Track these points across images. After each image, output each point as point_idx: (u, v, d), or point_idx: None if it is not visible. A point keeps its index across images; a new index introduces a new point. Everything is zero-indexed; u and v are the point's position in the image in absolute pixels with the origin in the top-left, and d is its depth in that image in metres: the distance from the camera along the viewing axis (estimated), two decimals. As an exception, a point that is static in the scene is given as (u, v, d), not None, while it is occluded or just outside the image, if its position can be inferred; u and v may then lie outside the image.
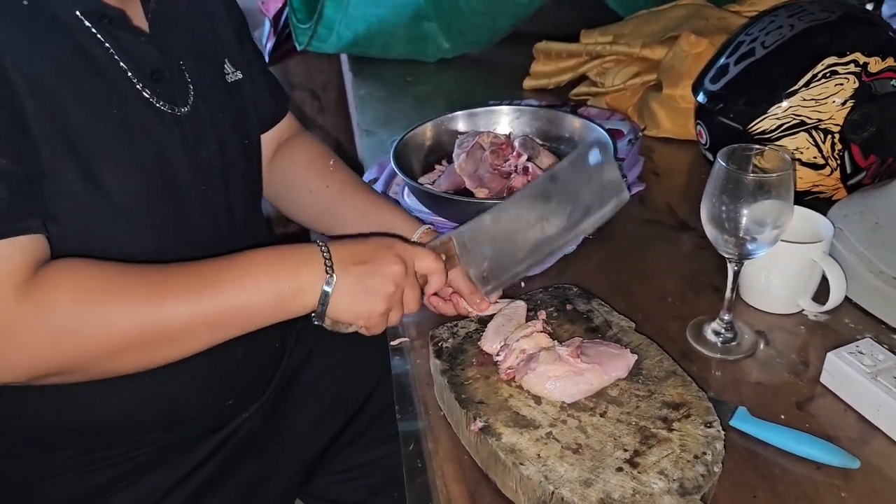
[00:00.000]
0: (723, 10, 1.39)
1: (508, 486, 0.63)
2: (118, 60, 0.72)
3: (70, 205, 0.69)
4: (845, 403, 0.73)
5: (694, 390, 0.69)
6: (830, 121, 0.97)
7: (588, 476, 0.60)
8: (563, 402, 0.68)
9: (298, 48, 1.73)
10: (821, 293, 0.83)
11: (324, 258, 0.70)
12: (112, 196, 0.71)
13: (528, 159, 1.03)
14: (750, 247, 0.75)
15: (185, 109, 0.78)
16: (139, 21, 0.77)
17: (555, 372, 0.68)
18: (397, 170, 1.02)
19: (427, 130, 1.14)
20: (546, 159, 1.08)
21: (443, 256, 0.78)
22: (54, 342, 0.63)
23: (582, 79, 1.48)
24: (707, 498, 0.60)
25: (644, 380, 0.70)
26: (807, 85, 0.96)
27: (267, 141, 0.99)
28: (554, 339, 0.73)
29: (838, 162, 0.99)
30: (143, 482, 0.83)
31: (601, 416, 0.66)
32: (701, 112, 1.11)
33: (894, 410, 0.69)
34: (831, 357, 0.74)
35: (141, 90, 0.74)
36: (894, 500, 0.64)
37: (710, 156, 1.10)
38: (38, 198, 0.66)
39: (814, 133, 0.98)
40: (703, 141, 1.12)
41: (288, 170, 1.01)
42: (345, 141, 2.32)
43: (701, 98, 1.09)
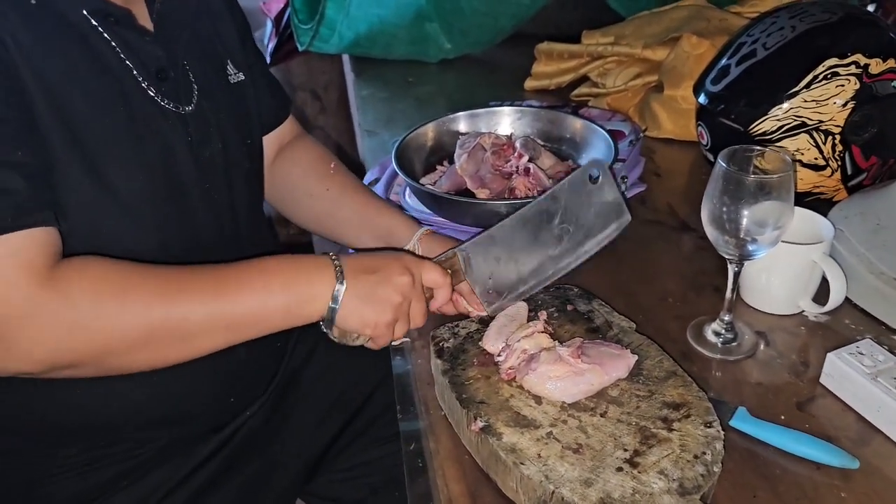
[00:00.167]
0: (724, 12, 1.39)
1: (509, 486, 0.63)
2: (124, 59, 0.73)
3: (76, 201, 0.69)
4: (845, 404, 0.73)
5: (694, 391, 0.69)
6: (831, 122, 0.97)
7: (588, 476, 0.60)
8: (564, 402, 0.68)
9: (300, 49, 1.73)
10: (821, 294, 0.83)
11: (335, 266, 0.72)
12: (118, 193, 0.72)
13: (530, 160, 1.04)
14: (750, 248, 0.75)
15: (190, 108, 0.79)
16: (144, 21, 0.77)
17: (555, 372, 0.68)
18: (399, 170, 1.02)
19: (428, 131, 1.14)
20: (547, 160, 1.08)
21: (448, 271, 0.78)
22: (71, 334, 0.64)
23: (583, 80, 1.49)
24: (707, 498, 0.60)
25: (644, 380, 0.70)
26: (808, 86, 0.97)
27: (268, 143, 0.99)
28: (555, 340, 0.73)
29: (839, 163, 0.99)
30: (145, 481, 0.83)
31: (601, 416, 0.66)
32: (702, 113, 1.11)
33: (894, 411, 0.69)
34: (831, 358, 0.74)
35: (146, 88, 0.75)
36: (894, 501, 0.64)
37: (711, 157, 1.11)
38: (52, 191, 0.67)
39: (815, 134, 0.98)
40: (704, 142, 1.12)
41: (289, 172, 1.01)
42: (346, 142, 2.32)
43: (702, 99, 1.09)
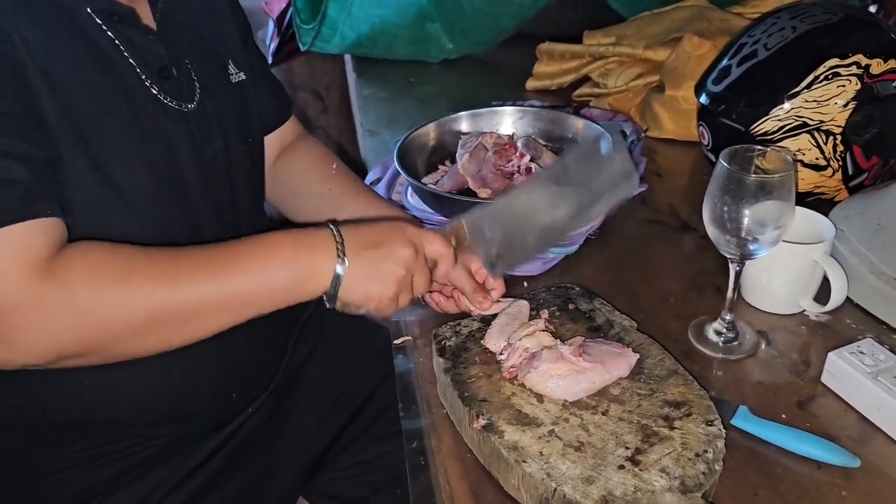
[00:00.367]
0: (725, 12, 1.40)
1: (511, 484, 0.63)
2: (127, 57, 0.74)
3: (80, 197, 0.70)
4: (846, 403, 0.74)
5: (695, 389, 0.69)
6: (832, 122, 0.97)
7: (590, 473, 0.60)
8: (566, 401, 0.68)
9: (302, 49, 1.73)
10: (822, 294, 0.84)
11: (336, 242, 0.71)
12: (122, 189, 0.72)
13: (531, 160, 1.04)
14: (751, 247, 0.75)
15: (192, 106, 0.80)
16: (147, 20, 0.78)
17: (557, 370, 0.68)
18: (401, 170, 1.02)
19: (430, 131, 1.14)
20: (549, 160, 1.08)
21: (453, 241, 0.78)
22: (75, 324, 0.64)
23: (585, 80, 1.49)
24: (708, 496, 0.61)
25: (646, 379, 0.71)
26: (809, 86, 0.97)
27: (270, 143, 0.99)
28: (556, 338, 0.74)
29: (840, 163, 0.99)
30: (148, 478, 0.83)
31: (603, 415, 0.67)
32: (703, 113, 1.11)
33: (895, 410, 0.69)
34: (832, 357, 0.75)
35: (149, 87, 0.76)
36: (895, 499, 0.64)
37: (713, 157, 1.11)
38: (58, 184, 0.67)
39: (816, 134, 0.98)
40: (706, 142, 1.12)
41: (291, 172, 1.02)
42: (348, 141, 2.32)
43: (703, 99, 1.09)
